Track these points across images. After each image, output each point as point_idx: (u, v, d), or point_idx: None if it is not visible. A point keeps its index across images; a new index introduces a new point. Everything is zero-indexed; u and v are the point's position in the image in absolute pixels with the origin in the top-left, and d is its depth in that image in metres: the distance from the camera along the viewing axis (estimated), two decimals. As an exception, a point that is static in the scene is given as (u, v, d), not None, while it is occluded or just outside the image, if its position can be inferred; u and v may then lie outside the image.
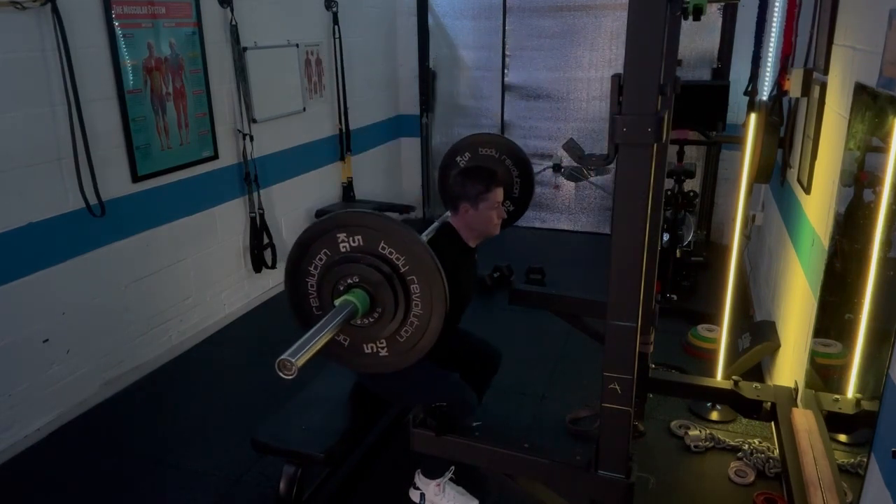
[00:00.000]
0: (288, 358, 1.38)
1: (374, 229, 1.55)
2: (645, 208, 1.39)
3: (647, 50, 1.30)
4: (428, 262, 1.54)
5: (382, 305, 1.56)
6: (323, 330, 1.48)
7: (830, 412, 2.19)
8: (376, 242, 1.55)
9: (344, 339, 1.65)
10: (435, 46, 5.83)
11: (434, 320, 1.57)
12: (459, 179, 2.38)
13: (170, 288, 3.64)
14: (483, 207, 2.34)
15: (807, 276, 2.59)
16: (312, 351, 1.44)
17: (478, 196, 2.32)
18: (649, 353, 2.61)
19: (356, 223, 1.56)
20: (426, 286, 1.55)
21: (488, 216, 2.36)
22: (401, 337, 1.60)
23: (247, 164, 4.04)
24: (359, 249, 1.57)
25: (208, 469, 2.77)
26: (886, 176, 1.87)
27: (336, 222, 1.58)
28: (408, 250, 1.54)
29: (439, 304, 1.55)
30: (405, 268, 1.55)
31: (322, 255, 1.61)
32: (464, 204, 2.35)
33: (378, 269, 1.54)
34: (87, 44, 3.01)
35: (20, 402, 2.90)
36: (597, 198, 5.82)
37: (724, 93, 4.01)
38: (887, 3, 1.86)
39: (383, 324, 1.58)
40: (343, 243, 1.58)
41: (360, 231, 1.56)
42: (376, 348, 1.64)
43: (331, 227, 1.58)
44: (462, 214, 2.38)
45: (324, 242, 1.60)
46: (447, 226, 2.44)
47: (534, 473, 1.82)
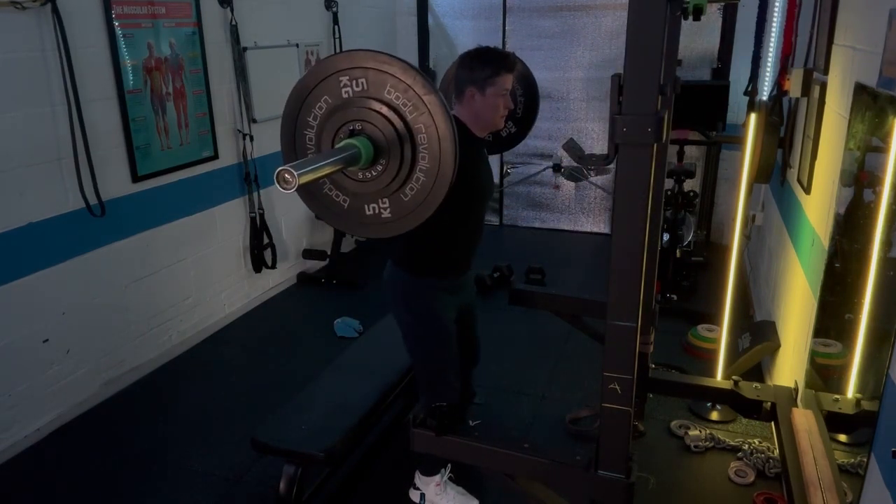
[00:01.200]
0: (290, 169, 1.24)
1: (381, 71, 1.41)
2: (645, 208, 1.39)
3: (647, 50, 1.30)
4: (438, 106, 1.40)
5: (387, 155, 1.42)
6: (326, 159, 1.35)
7: (830, 412, 2.18)
8: (382, 87, 1.41)
9: (344, 199, 1.53)
10: (435, 46, 5.82)
11: (442, 174, 1.43)
12: (468, 61, 2.17)
13: (170, 288, 3.64)
14: (490, 93, 2.14)
15: (807, 276, 2.59)
16: (314, 174, 1.31)
17: (485, 80, 2.12)
18: (649, 353, 2.61)
19: (359, 64, 1.42)
20: (434, 137, 1.41)
21: (495, 104, 2.16)
22: (405, 195, 1.46)
23: (247, 164, 4.04)
24: (363, 94, 1.43)
25: (208, 469, 2.77)
26: (886, 176, 1.87)
27: (337, 64, 1.44)
28: (416, 95, 1.40)
29: (448, 156, 1.42)
30: (412, 115, 1.41)
31: (322, 101, 1.47)
32: (470, 88, 2.16)
33: (382, 115, 1.41)
34: (87, 44, 3.01)
35: (20, 402, 2.90)
36: (597, 198, 5.82)
37: (724, 93, 4.01)
38: (887, 3, 1.86)
39: (387, 177, 1.44)
40: (345, 88, 1.44)
41: (366, 73, 1.41)
42: (378, 209, 1.50)
43: (332, 70, 1.44)
44: (468, 101, 2.18)
45: (324, 88, 1.45)
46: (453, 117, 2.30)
47: (534, 473, 1.82)
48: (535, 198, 5.99)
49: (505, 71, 2.15)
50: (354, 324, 3.96)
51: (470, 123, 2.22)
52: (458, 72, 2.22)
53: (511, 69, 2.18)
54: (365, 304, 4.25)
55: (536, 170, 5.87)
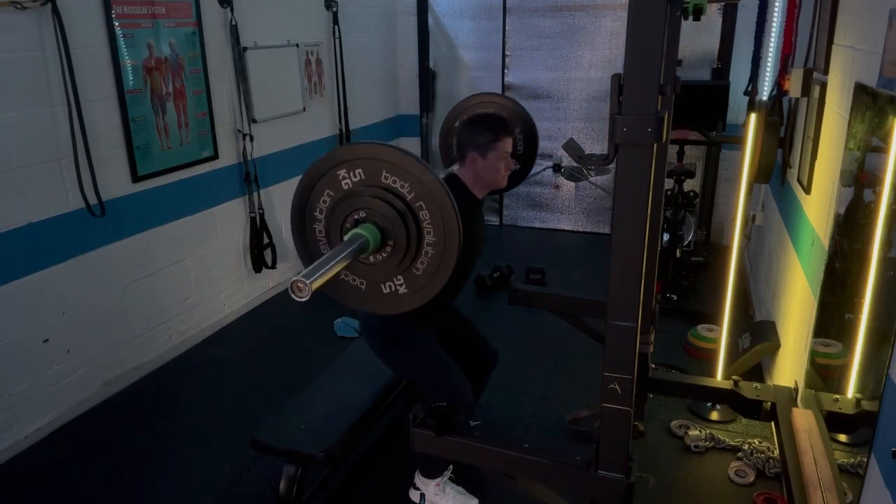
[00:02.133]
0: (302, 279, 1.31)
1: (374, 159, 1.48)
2: (645, 208, 1.39)
3: (647, 50, 1.30)
4: (433, 184, 1.47)
5: (393, 237, 1.49)
6: (336, 257, 1.41)
7: (830, 412, 2.18)
8: (378, 173, 1.49)
9: (361, 282, 1.59)
10: (435, 46, 5.83)
11: (449, 246, 1.50)
12: (469, 127, 2.28)
13: (170, 288, 3.64)
14: (492, 157, 2.24)
15: (807, 276, 2.59)
16: (326, 276, 1.37)
17: (487, 145, 2.23)
18: (649, 353, 2.61)
19: (354, 156, 1.49)
20: (435, 211, 1.48)
21: (497, 166, 2.26)
22: (417, 270, 1.53)
23: (247, 164, 4.04)
24: (362, 183, 1.50)
25: (208, 469, 2.77)
26: (886, 176, 1.87)
27: (333, 159, 1.51)
28: (411, 176, 1.47)
29: (452, 228, 1.48)
30: (411, 195, 1.48)
31: (325, 196, 1.55)
32: (472, 153, 2.26)
33: (383, 199, 1.48)
34: (87, 44, 3.01)
35: (20, 402, 2.90)
36: (597, 198, 5.82)
37: (724, 93, 4.01)
38: (887, 3, 1.86)
39: (397, 256, 1.51)
40: (345, 180, 1.52)
41: (360, 164, 1.49)
42: (394, 286, 1.57)
43: (328, 166, 1.52)
44: (470, 164, 2.28)
45: (325, 184, 1.54)
46: (453, 177, 2.34)
47: (534, 473, 1.82)
48: (535, 198, 5.99)
49: (505, 135, 2.25)
50: (354, 324, 3.96)
51: (471, 184, 2.32)
52: (459, 135, 2.32)
53: (511, 133, 2.30)
54: (365, 304, 4.24)
55: (536, 170, 5.87)
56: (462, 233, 1.48)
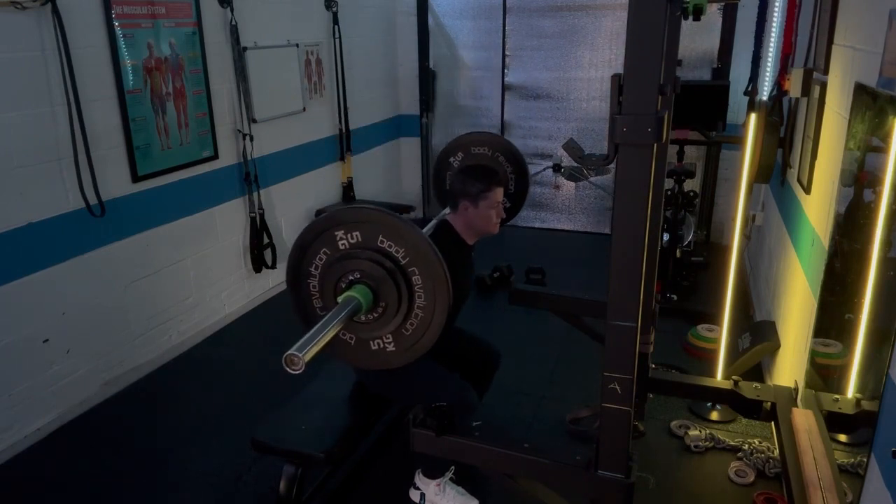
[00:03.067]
0: (295, 353, 1.39)
1: (372, 223, 1.55)
2: (645, 208, 1.39)
3: (647, 50, 1.30)
4: (427, 251, 1.53)
5: (385, 299, 1.56)
6: (328, 325, 1.48)
7: (830, 412, 2.18)
8: (375, 237, 1.55)
9: (350, 337, 1.65)
10: (435, 46, 5.83)
11: (438, 310, 1.56)
12: (460, 178, 2.38)
13: (170, 288, 3.64)
14: (483, 206, 2.34)
15: (807, 276, 2.59)
16: (319, 345, 1.44)
17: (478, 195, 2.33)
18: (649, 353, 2.61)
19: (353, 219, 1.56)
20: (427, 276, 1.54)
21: (488, 215, 2.36)
22: (406, 330, 1.60)
23: (247, 164, 4.04)
24: (358, 245, 1.56)
25: (208, 469, 2.77)
26: (886, 176, 1.87)
27: (333, 220, 1.57)
28: (406, 242, 1.54)
29: (442, 293, 1.54)
30: (405, 259, 1.55)
31: (322, 254, 1.61)
32: (464, 202, 2.36)
33: (378, 262, 1.54)
34: (87, 44, 3.01)
35: (20, 402, 2.90)
36: (597, 198, 5.82)
37: (724, 93, 4.01)
38: (887, 3, 1.86)
39: (388, 318, 1.58)
40: (342, 241, 1.58)
41: (358, 227, 1.56)
42: (383, 344, 1.64)
43: (328, 226, 1.58)
44: (461, 212, 2.38)
45: (322, 242, 1.60)
46: (445, 223, 2.44)
47: (534, 473, 1.82)
48: (535, 198, 5.99)
49: (495, 185, 2.35)
50: (354, 324, 3.96)
51: (462, 231, 2.42)
52: (452, 184, 2.44)
53: (501, 184, 2.39)
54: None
55: (536, 170, 5.87)
56: (452, 295, 1.54)
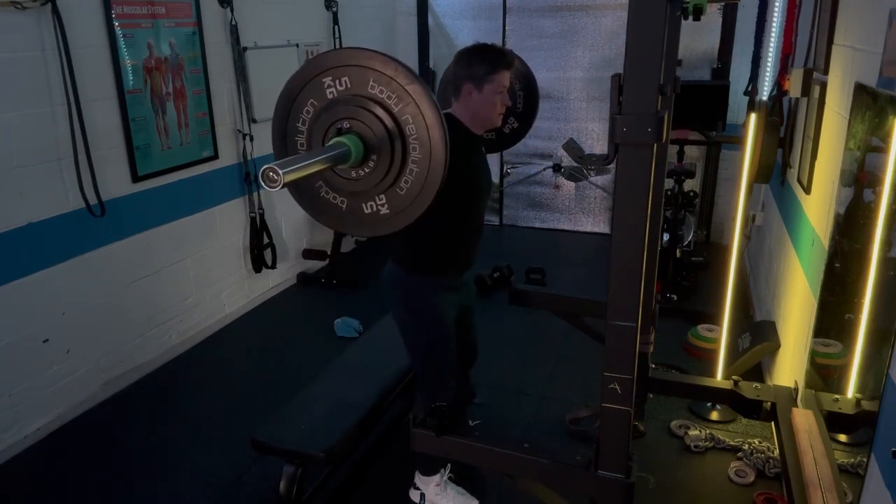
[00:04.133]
0: (275, 167, 1.24)
1: (362, 67, 1.41)
2: (645, 208, 1.39)
3: (647, 50, 1.30)
4: (421, 95, 1.40)
5: (377, 150, 1.43)
6: (313, 157, 1.35)
7: (830, 412, 2.18)
8: (365, 83, 1.42)
9: (341, 201, 1.53)
10: (435, 46, 5.82)
11: (434, 164, 1.42)
12: (465, 58, 2.15)
13: (170, 288, 3.64)
14: (487, 90, 2.12)
15: (807, 276, 2.59)
16: (300, 172, 1.30)
17: (483, 77, 2.11)
18: (649, 353, 2.61)
19: (340, 62, 1.42)
20: (422, 125, 1.41)
21: (492, 101, 2.14)
22: (401, 189, 1.46)
23: (247, 164, 4.04)
24: (347, 92, 1.43)
25: (208, 469, 2.77)
26: (886, 176, 1.87)
27: (318, 65, 1.44)
28: (400, 88, 1.40)
29: (439, 143, 1.41)
30: (398, 107, 1.41)
31: (309, 106, 1.48)
32: (467, 85, 2.13)
33: (368, 109, 1.41)
34: (87, 44, 3.01)
35: (20, 402, 2.90)
36: (597, 198, 5.82)
37: (724, 93, 4.01)
38: (887, 3, 1.86)
39: (380, 171, 1.44)
40: (329, 89, 1.44)
41: (346, 71, 1.42)
42: (376, 206, 1.50)
43: (314, 73, 1.45)
44: (465, 97, 2.16)
45: (309, 92, 1.47)
46: (448, 116, 2.17)
47: (534, 473, 1.82)
48: (535, 198, 5.99)
49: (502, 67, 2.13)
50: (354, 324, 3.96)
51: (467, 121, 2.19)
52: (455, 69, 2.19)
53: (509, 66, 2.16)
54: (365, 304, 4.25)
55: (536, 170, 5.87)
56: (449, 152, 1.42)
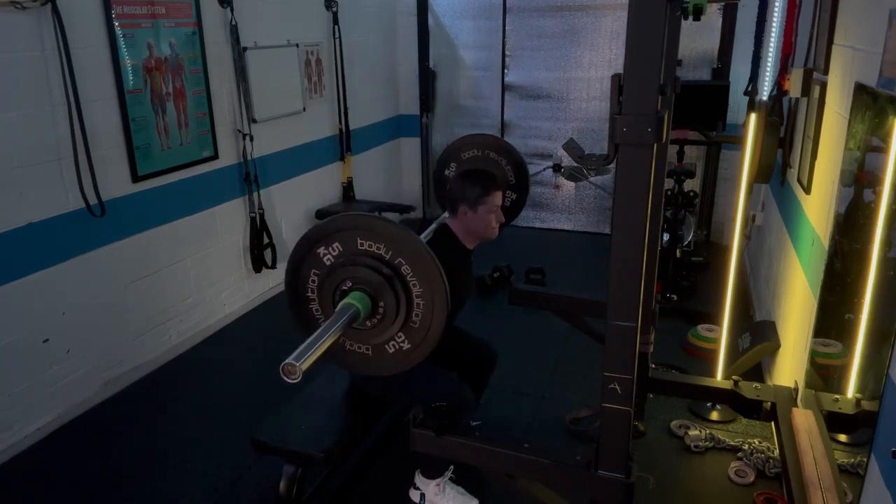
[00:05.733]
0: (292, 361, 1.36)
1: (344, 230, 1.54)
2: (645, 208, 1.39)
3: (647, 50, 1.30)
4: (403, 236, 1.51)
5: (383, 298, 1.54)
6: (326, 333, 1.46)
7: (830, 412, 2.19)
8: (354, 242, 1.55)
9: (366, 349, 1.64)
10: (435, 46, 5.83)
11: (437, 292, 1.52)
12: (459, 182, 2.38)
13: (170, 288, 3.64)
14: (482, 211, 2.34)
15: (807, 276, 2.59)
16: (317, 354, 1.42)
17: (477, 199, 2.33)
18: (649, 353, 2.61)
19: (325, 232, 1.56)
20: (416, 262, 1.52)
21: (487, 219, 2.36)
22: (414, 323, 1.58)
23: (247, 164, 4.04)
24: (341, 255, 1.56)
25: (208, 469, 2.77)
26: (886, 176, 1.87)
27: (307, 241, 1.57)
28: (382, 236, 1.52)
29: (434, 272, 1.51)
30: (389, 254, 1.53)
31: (313, 276, 1.61)
32: (462, 206, 2.36)
33: (364, 265, 1.53)
34: (87, 44, 3.01)
35: (20, 402, 2.90)
36: (597, 198, 5.82)
37: (724, 93, 4.01)
38: (887, 3, 1.86)
39: (391, 315, 1.55)
40: (325, 257, 1.58)
41: (333, 238, 1.55)
42: (398, 344, 1.61)
43: (306, 248, 1.58)
44: (461, 217, 2.38)
45: (309, 265, 1.60)
46: (445, 227, 2.45)
47: (534, 473, 1.82)
48: (535, 198, 5.99)
49: (494, 190, 2.35)
50: (354, 324, 3.96)
51: (461, 236, 2.42)
52: (451, 189, 2.43)
53: (500, 188, 2.39)
54: (365, 304, 4.24)
55: (536, 170, 5.87)
56: (445, 276, 1.51)
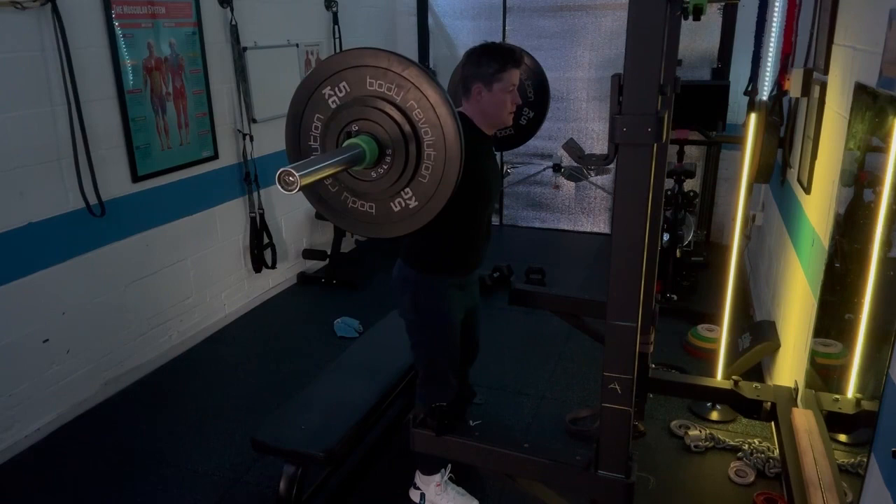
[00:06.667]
0: (291, 169, 1.24)
1: (355, 67, 1.40)
2: (645, 208, 1.39)
3: (647, 50, 1.30)
4: (416, 76, 1.39)
5: (391, 144, 1.42)
6: (328, 159, 1.35)
7: (830, 412, 2.18)
8: (362, 82, 1.41)
9: (370, 206, 1.52)
10: (435, 46, 5.82)
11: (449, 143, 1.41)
12: (474, 57, 2.14)
13: (170, 288, 3.64)
14: (497, 89, 2.12)
15: (807, 276, 2.59)
16: (316, 175, 1.30)
17: (492, 76, 2.10)
18: (649, 353, 2.61)
19: (333, 69, 1.42)
20: (427, 106, 1.40)
21: (502, 100, 2.13)
22: (423, 177, 1.46)
23: (247, 164, 4.04)
24: (348, 96, 1.43)
25: (208, 469, 2.77)
26: (886, 176, 1.87)
27: (313, 79, 1.45)
28: (396, 75, 1.39)
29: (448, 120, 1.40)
30: (399, 96, 1.40)
31: (316, 121, 1.48)
32: (476, 84, 2.13)
33: (371, 106, 1.41)
34: (87, 44, 3.01)
35: (20, 402, 2.90)
36: (597, 198, 5.82)
37: (724, 93, 4.02)
38: (887, 3, 1.86)
39: (399, 164, 1.43)
40: (331, 98, 1.45)
41: (341, 77, 1.42)
42: (404, 201, 1.48)
43: (313, 87, 1.45)
44: (475, 97, 2.15)
45: (313, 108, 1.47)
46: (459, 115, 2.28)
47: (534, 473, 1.82)
48: (535, 198, 5.99)
49: (511, 66, 2.12)
50: (354, 324, 3.96)
51: (477, 120, 2.19)
52: (464, 68, 2.18)
53: (518, 64, 2.15)
54: (365, 304, 4.25)
55: (536, 170, 5.87)
56: (458, 118, 1.41)
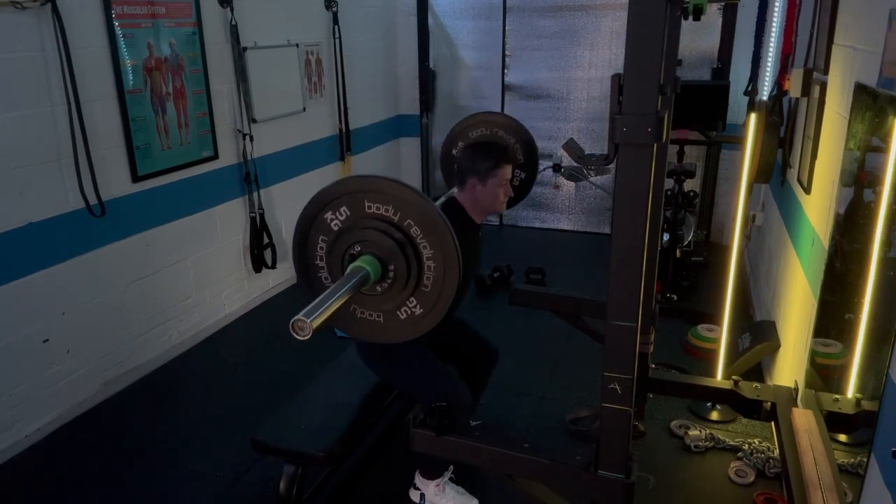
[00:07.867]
0: (302, 318, 1.32)
1: (352, 193, 1.49)
2: (645, 208, 1.39)
3: (647, 50, 1.30)
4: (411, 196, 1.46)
5: (393, 260, 1.49)
6: (336, 293, 1.41)
7: (830, 412, 2.19)
8: (361, 205, 1.49)
9: (378, 315, 1.59)
10: (435, 46, 5.83)
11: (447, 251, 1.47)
12: (469, 154, 2.34)
13: (170, 288, 3.64)
14: (491, 184, 2.31)
15: (807, 276, 2.59)
16: (327, 313, 1.37)
17: (487, 171, 2.29)
18: (649, 353, 2.61)
19: (331, 196, 1.50)
20: (424, 223, 1.48)
21: (496, 193, 2.33)
22: (426, 287, 1.53)
23: (247, 164, 4.04)
24: (349, 219, 1.51)
25: (208, 469, 2.77)
26: (886, 176, 1.87)
27: (313, 206, 1.52)
28: (391, 197, 1.47)
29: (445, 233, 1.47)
30: (397, 215, 1.49)
31: (320, 243, 1.56)
32: (471, 179, 2.31)
33: (370, 228, 1.49)
34: (87, 44, 3.01)
35: (20, 402, 2.90)
36: (597, 198, 5.82)
37: (724, 93, 4.01)
38: (887, 3, 1.86)
39: (401, 279, 1.51)
40: (333, 222, 1.53)
41: (341, 202, 1.50)
42: (409, 309, 1.56)
43: (314, 214, 1.53)
44: (469, 190, 2.34)
45: (317, 231, 1.55)
46: (453, 201, 2.40)
47: (534, 473, 1.82)
48: (535, 198, 5.99)
49: (505, 163, 2.30)
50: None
51: (469, 209, 2.38)
52: (459, 161, 2.38)
53: (511, 161, 2.34)
54: (365, 304, 4.24)
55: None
56: (454, 234, 1.47)
